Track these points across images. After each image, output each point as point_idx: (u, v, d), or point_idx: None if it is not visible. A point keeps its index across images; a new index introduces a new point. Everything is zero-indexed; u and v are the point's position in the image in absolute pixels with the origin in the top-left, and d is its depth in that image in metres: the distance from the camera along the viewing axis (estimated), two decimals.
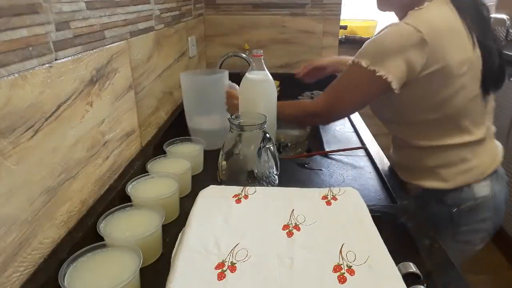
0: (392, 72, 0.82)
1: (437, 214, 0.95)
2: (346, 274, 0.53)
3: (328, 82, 0.98)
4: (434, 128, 0.91)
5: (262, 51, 1.00)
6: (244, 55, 1.45)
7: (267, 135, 0.84)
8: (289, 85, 1.44)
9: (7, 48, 0.48)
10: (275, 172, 0.86)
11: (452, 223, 0.95)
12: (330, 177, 0.92)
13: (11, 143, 0.49)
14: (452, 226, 0.95)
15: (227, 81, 1.07)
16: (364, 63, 0.85)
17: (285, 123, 1.13)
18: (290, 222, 0.65)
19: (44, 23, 0.56)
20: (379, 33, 0.90)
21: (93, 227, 0.62)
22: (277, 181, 0.87)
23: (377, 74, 0.83)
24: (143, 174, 0.78)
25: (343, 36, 1.98)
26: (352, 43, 1.94)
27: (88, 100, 0.69)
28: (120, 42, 0.83)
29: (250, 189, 0.75)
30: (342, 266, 0.55)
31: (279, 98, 1.05)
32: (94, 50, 0.71)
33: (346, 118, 1.35)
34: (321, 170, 0.96)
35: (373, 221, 0.66)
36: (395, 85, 0.83)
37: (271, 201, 0.72)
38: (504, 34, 2.18)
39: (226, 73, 1.05)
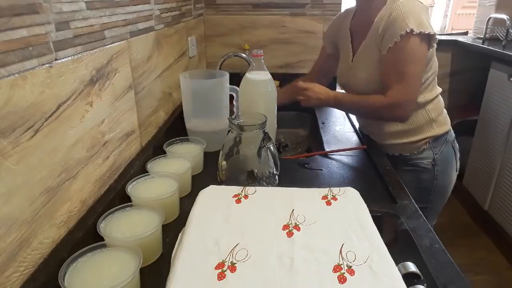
0: (431, 27, 0.97)
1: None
2: (346, 274, 0.53)
3: None
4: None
5: (262, 51, 1.00)
6: (244, 55, 1.45)
7: (267, 135, 0.84)
8: None
9: (7, 48, 0.48)
10: (275, 172, 0.86)
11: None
12: (330, 177, 0.92)
13: (11, 143, 0.49)
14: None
15: (227, 84, 1.07)
16: (415, 30, 0.94)
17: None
18: (290, 222, 0.65)
19: (44, 23, 0.56)
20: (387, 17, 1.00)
21: (93, 227, 0.62)
22: (277, 181, 0.87)
23: (426, 33, 0.95)
24: (143, 174, 0.78)
25: None
26: None
27: (88, 100, 0.69)
28: (120, 42, 0.82)
29: (250, 189, 0.75)
30: (342, 266, 0.55)
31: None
32: (94, 50, 0.71)
33: (346, 118, 1.35)
34: (321, 170, 0.96)
35: (373, 221, 0.66)
36: (436, 38, 0.99)
37: (271, 201, 0.72)
38: (504, 34, 2.18)
39: (226, 77, 1.05)
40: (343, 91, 1.24)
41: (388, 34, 0.98)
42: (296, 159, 1.04)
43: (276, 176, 0.87)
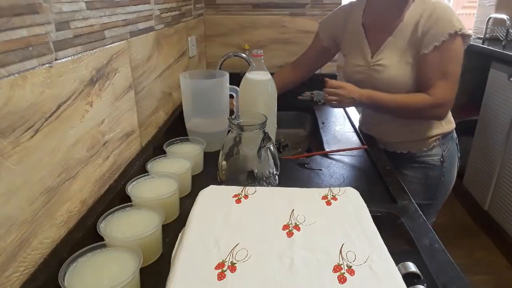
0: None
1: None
2: (346, 274, 0.53)
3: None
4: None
5: (262, 51, 1.00)
6: (244, 55, 1.45)
7: (267, 135, 0.84)
8: None
9: (7, 48, 0.48)
10: (275, 172, 0.86)
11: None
12: (330, 177, 0.92)
13: (11, 143, 0.49)
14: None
15: (227, 84, 1.06)
16: (460, 30, 0.96)
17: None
18: (290, 222, 0.65)
19: (44, 23, 0.56)
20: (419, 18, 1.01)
21: (93, 227, 0.62)
22: (277, 181, 0.87)
23: (466, 33, 0.98)
24: (143, 174, 0.78)
25: None
26: None
27: (88, 100, 0.69)
28: (120, 42, 0.82)
29: (250, 189, 0.75)
30: (342, 266, 0.55)
31: (279, 98, 1.05)
32: (94, 50, 0.71)
33: (346, 118, 1.35)
34: (321, 170, 0.96)
35: (373, 221, 0.66)
36: (470, 39, 1.01)
37: (271, 201, 0.72)
38: (504, 34, 2.18)
39: (226, 77, 1.05)
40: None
41: (432, 32, 0.98)
42: (296, 159, 1.04)
43: (276, 176, 0.87)
